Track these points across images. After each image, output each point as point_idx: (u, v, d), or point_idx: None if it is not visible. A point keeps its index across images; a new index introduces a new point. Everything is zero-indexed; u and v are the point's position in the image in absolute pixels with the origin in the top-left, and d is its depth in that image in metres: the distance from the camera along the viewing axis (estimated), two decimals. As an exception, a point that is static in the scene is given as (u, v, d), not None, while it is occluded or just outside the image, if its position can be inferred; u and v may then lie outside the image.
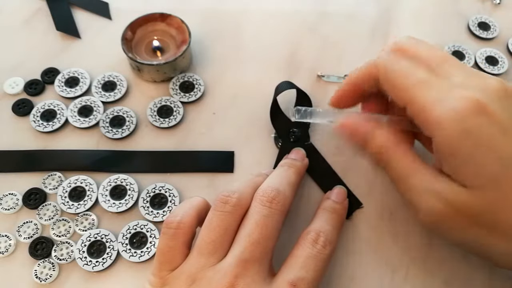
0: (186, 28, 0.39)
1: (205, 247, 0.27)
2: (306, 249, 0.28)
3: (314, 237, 0.28)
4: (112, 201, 0.34)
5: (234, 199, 0.28)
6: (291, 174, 0.32)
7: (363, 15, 0.45)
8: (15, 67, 0.41)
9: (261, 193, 0.29)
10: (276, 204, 0.28)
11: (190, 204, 0.29)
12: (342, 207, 0.32)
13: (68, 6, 0.45)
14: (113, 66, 0.41)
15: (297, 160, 0.34)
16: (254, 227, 0.27)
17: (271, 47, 0.43)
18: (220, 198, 0.28)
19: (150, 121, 0.38)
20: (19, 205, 0.34)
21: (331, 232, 0.29)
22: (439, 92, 0.27)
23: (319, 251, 0.28)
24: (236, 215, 0.28)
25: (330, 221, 0.30)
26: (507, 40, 0.44)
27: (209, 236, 0.27)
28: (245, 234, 0.27)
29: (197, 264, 0.26)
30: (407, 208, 0.34)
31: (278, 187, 0.29)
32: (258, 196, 0.29)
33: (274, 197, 0.28)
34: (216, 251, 0.27)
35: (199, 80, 0.40)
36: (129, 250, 0.32)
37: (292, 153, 0.35)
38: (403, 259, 0.33)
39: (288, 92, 0.37)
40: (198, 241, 0.27)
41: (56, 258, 0.32)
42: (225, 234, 0.27)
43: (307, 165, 0.35)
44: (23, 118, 0.38)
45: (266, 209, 0.28)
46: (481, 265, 0.32)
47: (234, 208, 0.28)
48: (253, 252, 0.26)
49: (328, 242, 0.28)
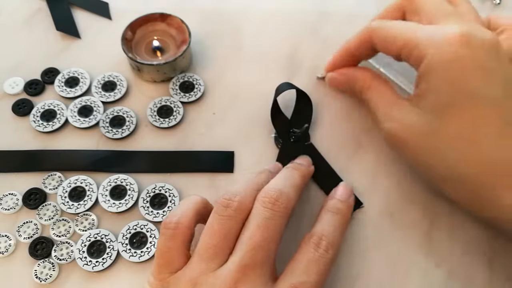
0: (186, 28, 0.39)
1: (205, 252, 0.27)
2: (309, 253, 0.27)
3: (316, 240, 0.28)
4: (112, 201, 0.34)
5: (235, 202, 0.28)
6: (295, 176, 0.31)
7: (363, 15, 0.45)
8: (15, 67, 0.41)
9: (263, 194, 0.28)
10: (279, 206, 0.27)
11: (188, 203, 0.29)
12: (346, 206, 0.31)
13: (68, 6, 0.45)
14: (113, 66, 0.41)
15: (302, 165, 0.33)
16: (255, 230, 0.27)
17: (271, 47, 0.43)
18: (221, 201, 0.28)
19: (150, 121, 0.38)
20: (19, 205, 0.34)
21: (334, 234, 0.29)
22: (431, 29, 0.30)
23: (322, 255, 0.27)
24: (237, 219, 0.27)
25: (333, 223, 0.30)
26: (507, 40, 0.44)
27: (210, 241, 0.27)
28: (246, 238, 0.27)
29: (198, 269, 0.26)
30: (407, 207, 0.34)
31: (281, 188, 0.28)
32: (261, 197, 0.28)
33: (277, 198, 0.28)
34: (217, 256, 0.26)
35: (199, 80, 0.40)
36: (129, 250, 0.32)
37: (298, 158, 0.35)
38: (404, 258, 0.33)
39: (288, 92, 0.37)
40: (199, 246, 0.27)
41: (56, 258, 0.32)
42: (226, 239, 0.27)
43: (312, 172, 0.34)
44: (23, 118, 0.38)
45: (268, 211, 0.27)
46: (481, 264, 0.32)
47: (236, 212, 0.27)
48: (254, 257, 0.26)
49: (331, 245, 0.28)
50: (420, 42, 0.30)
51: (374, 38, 0.33)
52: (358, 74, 0.36)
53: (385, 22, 0.33)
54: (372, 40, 0.33)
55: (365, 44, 0.34)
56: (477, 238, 0.33)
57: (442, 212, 0.34)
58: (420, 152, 0.31)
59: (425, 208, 0.34)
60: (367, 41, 0.34)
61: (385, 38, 0.32)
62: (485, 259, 0.33)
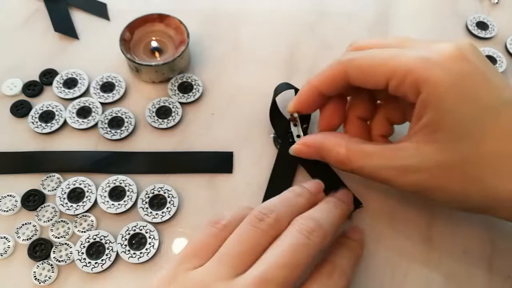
0: (185, 29, 0.39)
1: (227, 257, 0.25)
2: (322, 279, 0.26)
3: (330, 269, 0.27)
4: (111, 202, 0.34)
5: (271, 219, 0.27)
6: (336, 214, 0.29)
7: (361, 16, 0.45)
8: (13, 69, 0.41)
9: (302, 221, 0.27)
10: (315, 237, 0.26)
11: (240, 211, 0.28)
12: (359, 245, 0.31)
13: (66, 7, 0.45)
14: (112, 67, 0.41)
15: (344, 203, 0.31)
16: (286, 249, 0.25)
17: (269, 47, 0.43)
18: (256, 213, 0.27)
19: (149, 122, 0.38)
20: (17, 207, 0.34)
21: (347, 267, 0.28)
22: (419, 51, 0.27)
23: (335, 283, 0.26)
24: (268, 235, 0.26)
25: (346, 257, 0.29)
26: (505, 39, 0.44)
27: (234, 247, 0.26)
28: (273, 254, 0.25)
29: (214, 273, 0.25)
30: (407, 207, 0.34)
31: (321, 222, 0.27)
32: (298, 223, 0.27)
33: (314, 229, 0.26)
34: (237, 265, 0.25)
35: (197, 80, 0.40)
36: (128, 251, 0.32)
37: (342, 193, 0.32)
38: (403, 258, 0.33)
39: (286, 92, 0.37)
40: (222, 249, 0.26)
41: (55, 260, 0.32)
42: (252, 250, 0.26)
43: (351, 210, 0.32)
44: (21, 120, 0.38)
45: (303, 238, 0.26)
46: (481, 264, 0.32)
47: (269, 227, 0.26)
48: (276, 274, 0.24)
49: (344, 276, 0.27)
50: (414, 66, 0.27)
51: (350, 72, 0.29)
52: (327, 144, 0.31)
53: (361, 52, 0.30)
54: (347, 75, 0.30)
55: (338, 81, 0.30)
56: (477, 238, 0.33)
57: (441, 212, 0.34)
58: (456, 188, 0.27)
59: (424, 208, 0.34)
60: (341, 76, 0.30)
61: (366, 69, 0.29)
62: (485, 259, 0.33)
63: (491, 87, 0.27)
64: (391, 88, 0.29)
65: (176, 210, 0.34)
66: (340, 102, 0.34)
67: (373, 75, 0.29)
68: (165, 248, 0.33)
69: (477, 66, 0.27)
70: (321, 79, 0.31)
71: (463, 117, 0.26)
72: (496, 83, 0.27)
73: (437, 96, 0.26)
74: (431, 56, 0.27)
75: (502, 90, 0.27)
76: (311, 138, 0.33)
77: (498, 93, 0.27)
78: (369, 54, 0.29)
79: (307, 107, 0.33)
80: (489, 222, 0.34)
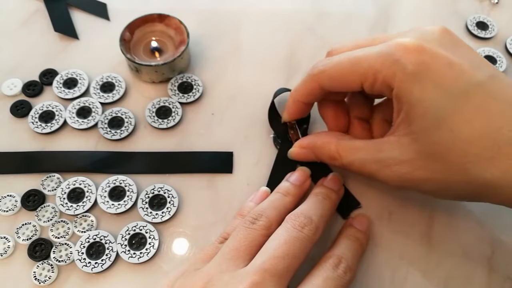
0: (185, 29, 0.39)
1: (228, 252, 0.27)
2: (327, 271, 0.27)
3: (335, 261, 0.28)
4: (111, 202, 0.34)
5: (262, 221, 0.28)
6: (325, 206, 0.31)
7: (361, 15, 0.45)
8: (13, 69, 0.41)
9: (293, 217, 0.28)
10: (308, 230, 0.28)
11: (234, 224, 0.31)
12: (365, 236, 0.32)
13: (66, 7, 0.45)
14: (112, 67, 0.41)
15: (333, 192, 0.32)
16: (282, 242, 0.27)
17: (269, 47, 0.43)
18: (248, 218, 0.29)
19: (149, 122, 0.38)
20: (17, 207, 0.34)
21: (353, 260, 0.29)
22: (382, 47, 0.28)
23: (340, 276, 0.27)
24: (262, 234, 0.28)
25: (352, 249, 0.30)
26: (505, 39, 0.44)
27: (234, 244, 0.27)
28: (270, 247, 0.27)
29: (218, 267, 0.26)
30: (406, 207, 0.34)
31: (311, 217, 0.28)
32: (290, 219, 0.28)
33: (306, 224, 0.28)
34: (239, 258, 0.27)
35: (197, 80, 0.40)
36: (128, 251, 0.32)
37: (330, 180, 0.33)
38: (403, 259, 0.33)
39: (285, 94, 0.37)
40: (223, 247, 0.28)
41: (55, 260, 0.32)
42: (249, 247, 0.27)
43: (342, 196, 0.33)
44: (21, 120, 0.38)
45: (297, 232, 0.27)
46: (481, 264, 0.32)
47: (261, 227, 0.28)
48: (275, 265, 0.25)
49: (349, 269, 0.28)
50: (380, 65, 0.27)
51: (324, 83, 0.31)
52: (319, 142, 0.33)
53: (331, 59, 0.30)
54: (320, 85, 0.31)
55: (315, 92, 0.32)
56: (477, 238, 0.33)
57: (441, 212, 0.34)
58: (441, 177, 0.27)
59: (424, 207, 0.34)
60: (316, 89, 0.31)
61: (337, 77, 0.30)
62: (485, 259, 0.33)
63: (457, 73, 0.26)
64: (366, 90, 0.29)
65: (176, 210, 0.34)
66: (341, 104, 0.35)
67: (345, 81, 0.30)
68: (165, 248, 0.33)
69: (438, 54, 0.27)
70: (299, 93, 0.33)
71: (432, 105, 0.26)
72: (463, 68, 0.26)
73: (404, 89, 0.27)
74: (393, 51, 0.27)
75: (472, 74, 0.26)
76: (305, 140, 0.34)
77: (466, 77, 0.26)
78: (338, 61, 0.30)
79: (299, 115, 0.35)
80: (489, 222, 0.34)
